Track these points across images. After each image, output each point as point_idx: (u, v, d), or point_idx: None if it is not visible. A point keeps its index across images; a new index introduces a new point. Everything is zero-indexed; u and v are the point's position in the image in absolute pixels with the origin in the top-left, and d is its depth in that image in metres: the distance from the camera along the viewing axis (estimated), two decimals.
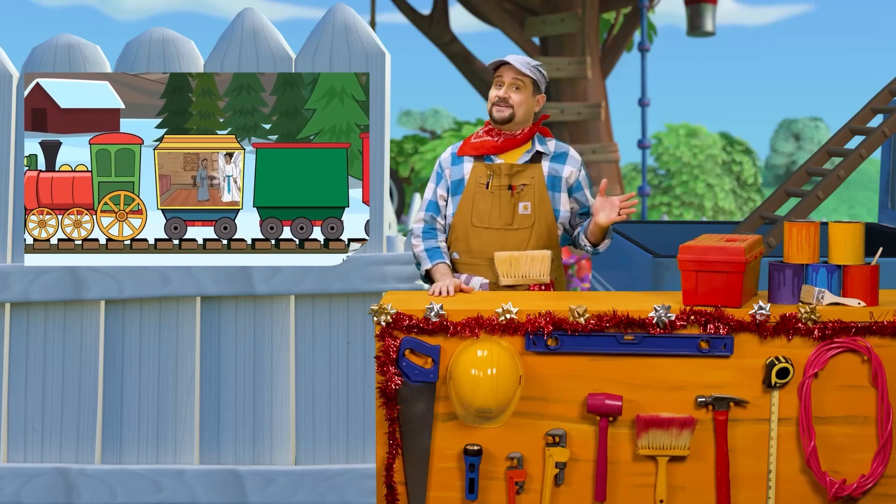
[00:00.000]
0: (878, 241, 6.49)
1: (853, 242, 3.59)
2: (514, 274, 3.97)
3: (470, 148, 4.11)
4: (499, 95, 4.03)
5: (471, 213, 4.06)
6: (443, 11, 17.31)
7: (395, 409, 3.56)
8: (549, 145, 4.13)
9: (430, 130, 46.58)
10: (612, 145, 15.76)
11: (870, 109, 5.96)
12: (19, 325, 4.87)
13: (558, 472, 3.56)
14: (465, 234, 4.07)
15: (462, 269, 4.09)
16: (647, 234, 7.04)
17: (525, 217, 4.03)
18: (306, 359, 4.86)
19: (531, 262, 3.97)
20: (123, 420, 4.88)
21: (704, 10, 17.11)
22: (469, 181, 4.08)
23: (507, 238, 4.02)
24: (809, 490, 3.56)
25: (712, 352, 3.51)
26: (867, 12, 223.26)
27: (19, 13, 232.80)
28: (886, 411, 3.50)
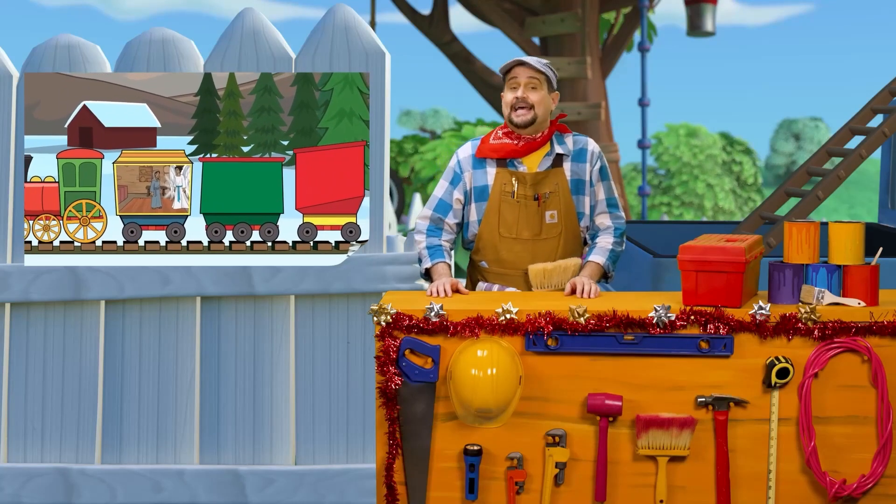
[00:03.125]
0: (878, 241, 6.49)
1: (853, 242, 3.59)
2: (547, 284, 3.98)
3: (489, 150, 4.02)
4: (517, 96, 3.94)
5: (497, 223, 4.02)
6: (443, 11, 17.31)
7: (395, 409, 3.56)
8: (568, 143, 4.06)
9: (430, 130, 46.58)
10: (612, 145, 15.76)
11: (870, 109, 5.96)
12: (19, 325, 4.87)
13: (558, 472, 3.56)
14: (493, 244, 4.03)
15: (493, 280, 4.07)
16: (647, 234, 7.03)
17: (552, 226, 4.01)
18: (306, 359, 4.86)
19: (563, 271, 3.98)
20: (123, 420, 4.88)
21: (704, 10, 17.11)
22: (493, 189, 4.01)
23: (537, 248, 4.01)
24: (809, 490, 3.56)
25: (712, 352, 3.51)
26: (867, 12, 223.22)
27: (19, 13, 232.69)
28: (886, 411, 3.50)
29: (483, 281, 4.10)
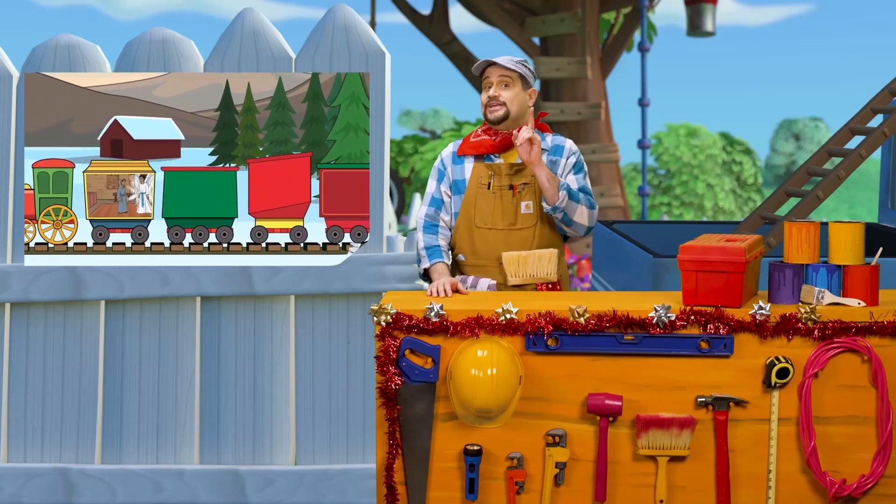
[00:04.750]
0: (878, 241, 6.49)
1: (853, 242, 3.59)
2: (522, 274, 3.98)
3: (469, 147, 4.12)
4: (489, 95, 4.06)
5: (473, 214, 4.06)
6: (443, 11, 17.31)
7: (395, 409, 3.56)
8: (548, 140, 4.14)
9: (430, 130, 46.58)
10: (612, 145, 15.75)
11: (870, 109, 5.96)
12: (19, 325, 4.87)
13: (558, 472, 3.56)
14: (469, 235, 4.07)
15: (468, 271, 4.09)
16: (647, 234, 7.04)
17: (528, 216, 4.04)
18: (306, 359, 4.86)
19: (538, 261, 3.99)
20: (123, 420, 4.88)
21: (704, 10, 17.11)
22: (470, 182, 4.08)
23: (511, 238, 4.03)
24: (809, 490, 3.56)
25: (712, 352, 3.51)
26: (867, 12, 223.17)
27: (19, 13, 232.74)
28: (886, 411, 3.50)
29: (460, 274, 4.12)
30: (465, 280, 4.07)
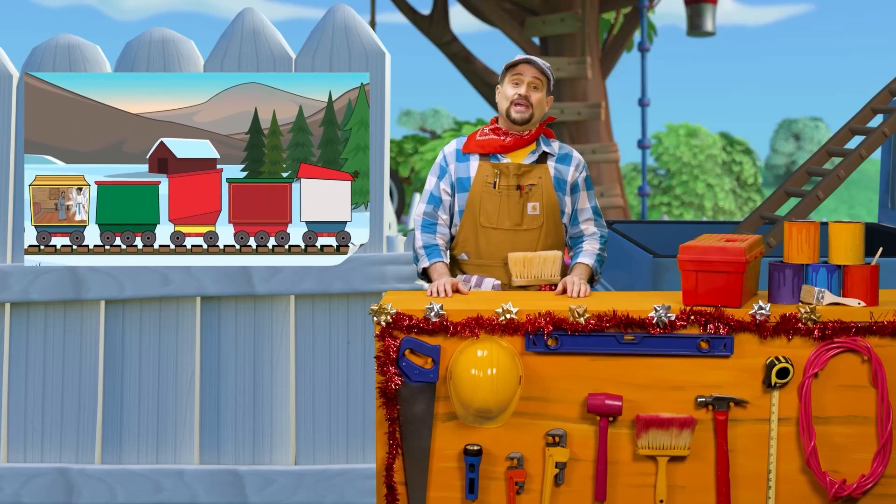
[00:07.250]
0: (878, 241, 6.49)
1: (853, 242, 3.59)
2: (527, 274, 3.97)
3: (475, 145, 4.06)
4: (520, 93, 3.99)
5: (478, 213, 4.03)
6: (443, 11, 17.30)
7: (395, 409, 3.56)
8: (554, 146, 4.11)
9: (430, 130, 46.57)
10: (612, 145, 15.74)
11: (870, 109, 5.96)
12: (19, 325, 4.87)
13: (558, 472, 3.56)
14: (473, 234, 4.04)
15: (472, 271, 4.07)
16: (647, 234, 7.03)
17: (534, 217, 4.02)
18: (306, 359, 4.86)
19: (544, 262, 3.98)
20: (123, 420, 4.88)
21: (704, 10, 17.11)
22: (475, 180, 4.04)
23: (517, 239, 4.01)
24: (809, 490, 3.56)
25: (712, 352, 3.51)
26: (867, 12, 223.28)
27: (19, 13, 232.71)
28: (886, 411, 3.50)
29: (461, 273, 4.10)
30: (468, 280, 4.06)
